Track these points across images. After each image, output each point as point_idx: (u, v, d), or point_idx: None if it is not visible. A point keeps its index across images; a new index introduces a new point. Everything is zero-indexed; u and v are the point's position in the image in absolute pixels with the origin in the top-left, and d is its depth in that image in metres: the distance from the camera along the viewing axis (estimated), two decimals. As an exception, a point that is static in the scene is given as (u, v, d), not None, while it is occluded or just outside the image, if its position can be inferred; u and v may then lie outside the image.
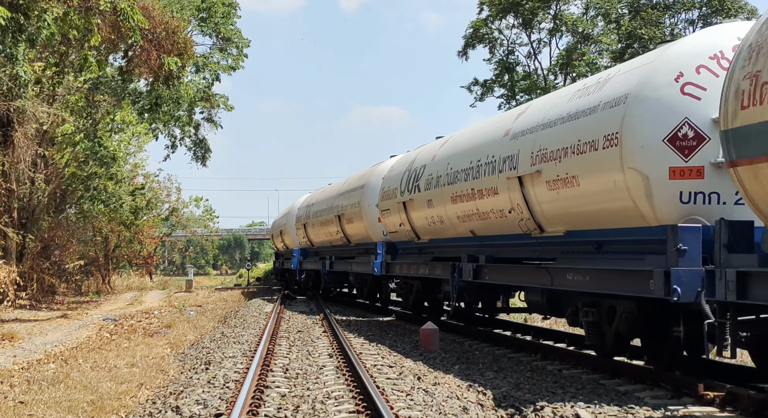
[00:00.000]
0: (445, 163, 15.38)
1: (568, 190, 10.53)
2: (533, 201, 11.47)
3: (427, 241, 17.30)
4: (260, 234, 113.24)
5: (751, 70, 6.96)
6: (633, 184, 9.18)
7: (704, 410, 8.20)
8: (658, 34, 39.56)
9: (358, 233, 23.26)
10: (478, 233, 14.21)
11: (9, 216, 26.78)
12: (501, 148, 12.64)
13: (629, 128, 9.21)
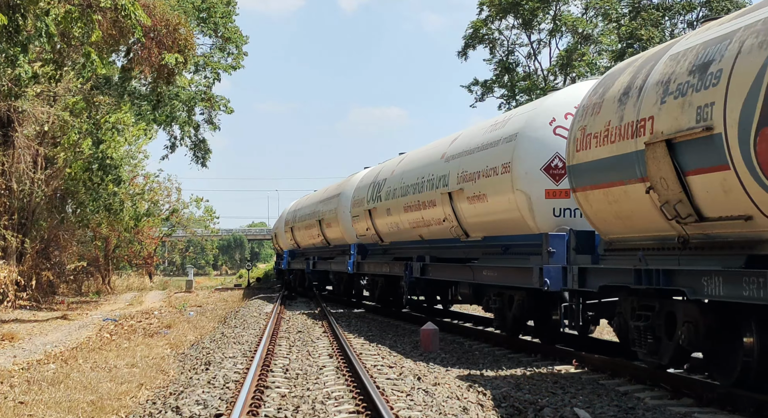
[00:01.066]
0: (401, 178, 18.54)
1: (481, 204, 13.63)
2: (460, 212, 14.53)
3: (388, 243, 20.44)
4: (260, 234, 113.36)
5: (582, 124, 10.07)
6: (521, 201, 12.30)
7: (704, 410, 8.21)
8: (658, 35, 39.56)
9: (336, 236, 25.96)
10: (425, 237, 17.22)
11: (9, 217, 26.78)
12: (438, 168, 15.85)
13: (517, 159, 12.37)
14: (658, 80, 8.67)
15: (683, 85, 8.15)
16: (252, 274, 56.37)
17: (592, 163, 9.76)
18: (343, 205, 24.69)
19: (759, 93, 6.98)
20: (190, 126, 37.45)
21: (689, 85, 8.05)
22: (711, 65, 7.79)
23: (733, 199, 7.45)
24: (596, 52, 49.08)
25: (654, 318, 9.20)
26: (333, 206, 25.98)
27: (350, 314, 21.76)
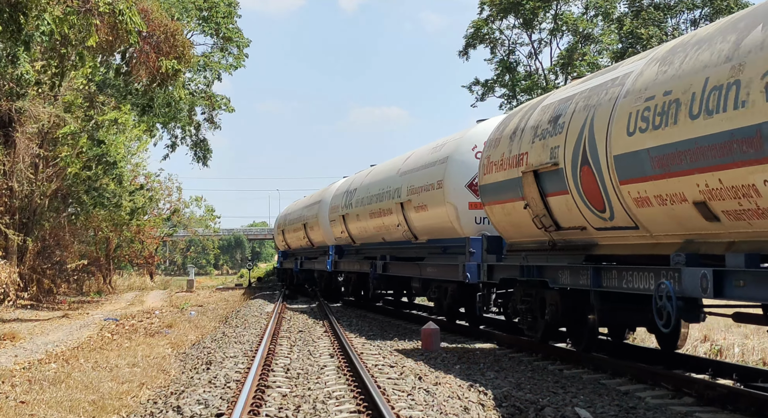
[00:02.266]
0: (367, 189, 21.54)
1: (424, 213, 16.86)
2: (410, 219, 17.78)
3: (359, 245, 23.45)
4: (261, 234, 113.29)
5: (488, 153, 13.15)
6: (450, 211, 15.48)
7: (705, 409, 8.21)
8: (659, 35, 39.54)
9: (318, 239, 29.12)
10: (386, 240, 20.30)
11: (10, 217, 26.78)
12: (394, 182, 19.06)
13: (448, 177, 15.57)
14: (532, 125, 11.65)
15: (545, 131, 11.08)
16: (253, 273, 56.40)
17: (493, 184, 12.83)
18: (323, 211, 27.54)
19: (582, 141, 9.82)
20: (191, 125, 37.48)
21: (547, 131, 10.97)
22: (560, 118, 10.68)
23: (574, 215, 10.42)
24: (597, 51, 49.07)
25: (532, 303, 12.28)
26: (315, 212, 28.99)
27: (351, 314, 21.81)
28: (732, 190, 7.40)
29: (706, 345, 13.22)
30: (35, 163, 27.59)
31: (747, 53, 7.22)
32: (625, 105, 9.04)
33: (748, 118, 6.99)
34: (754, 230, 7.50)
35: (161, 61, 19.42)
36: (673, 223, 8.57)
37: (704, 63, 7.83)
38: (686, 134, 7.81)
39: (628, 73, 9.54)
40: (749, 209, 7.33)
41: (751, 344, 12.80)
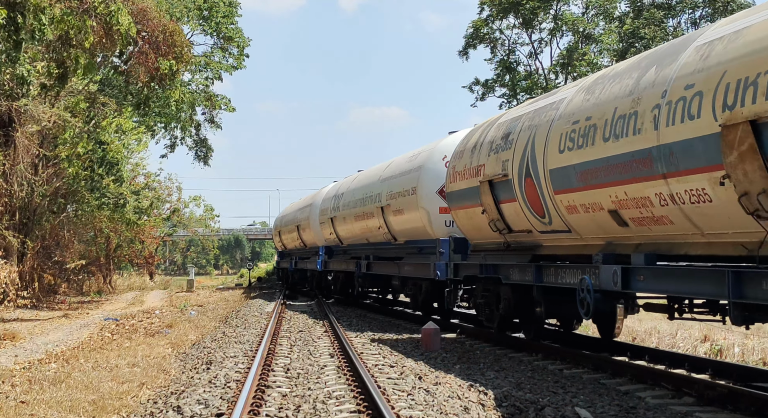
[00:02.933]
0: (353, 193, 23.33)
1: (401, 217, 18.58)
2: (389, 222, 19.48)
3: (347, 246, 25.11)
4: (261, 234, 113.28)
5: (453, 164, 14.68)
6: (423, 215, 17.27)
7: (705, 409, 8.21)
8: (660, 34, 39.53)
9: (310, 240, 31.04)
10: (370, 241, 22.02)
11: (10, 217, 26.77)
12: (375, 187, 20.82)
13: (421, 185, 17.35)
14: (489, 140, 13.20)
15: (498, 146, 12.65)
16: (253, 273, 56.40)
17: (457, 191, 14.32)
18: (314, 214, 29.41)
19: (526, 156, 11.41)
20: (191, 125, 37.50)
21: (500, 146, 12.56)
22: (510, 135, 12.32)
23: (521, 220, 12.04)
24: (597, 51, 49.04)
25: (489, 297, 13.82)
26: (306, 214, 30.92)
27: (351, 314, 21.82)
28: (634, 201, 8.98)
29: (706, 345, 13.23)
30: (35, 163, 27.57)
31: (643, 89, 8.83)
32: (557, 127, 10.62)
33: (642, 143, 8.57)
34: (653, 234, 9.08)
35: (159, 61, 19.45)
36: (596, 227, 10.13)
37: (615, 95, 9.44)
38: (600, 154, 9.42)
39: (562, 99, 11.10)
40: (647, 216, 8.92)
41: (751, 344, 12.81)
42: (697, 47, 8.34)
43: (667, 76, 8.51)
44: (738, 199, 7.33)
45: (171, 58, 19.52)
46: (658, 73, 8.72)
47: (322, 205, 28.15)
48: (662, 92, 8.43)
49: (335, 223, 25.22)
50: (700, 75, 7.91)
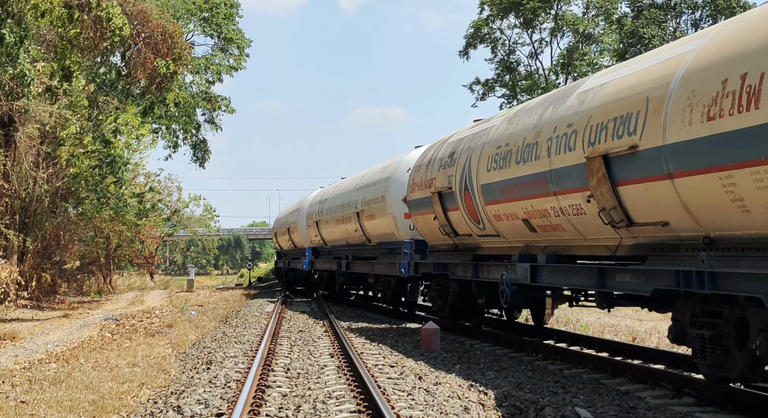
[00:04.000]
0: (335, 199, 26.02)
1: (373, 221, 20.93)
2: (364, 226, 21.83)
3: (330, 247, 27.62)
4: (261, 234, 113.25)
5: (413, 176, 16.93)
6: (390, 220, 19.56)
7: (705, 409, 8.21)
8: (661, 35, 39.50)
9: (299, 241, 33.71)
10: (349, 243, 24.38)
11: (11, 216, 26.76)
12: (353, 195, 23.31)
13: (388, 193, 19.62)
14: (439, 157, 15.46)
15: (445, 162, 14.82)
16: (253, 273, 56.41)
17: (416, 200, 16.67)
18: (302, 217, 31.96)
19: (464, 173, 13.62)
20: (192, 126, 37.48)
21: (447, 163, 14.73)
22: (454, 154, 14.48)
23: (463, 226, 14.23)
24: (597, 51, 49.01)
25: (441, 290, 16.26)
26: (295, 218, 33.61)
27: (351, 314, 21.83)
28: (538, 212, 11.21)
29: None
30: (36, 161, 27.56)
31: (542, 124, 11.02)
32: (487, 150, 12.90)
33: (540, 167, 10.82)
34: (554, 239, 11.30)
35: (158, 62, 19.43)
36: (515, 232, 12.34)
37: (525, 126, 11.70)
38: (514, 174, 11.69)
39: (492, 126, 13.40)
40: (548, 224, 11.10)
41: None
42: (578, 94, 10.48)
43: (557, 115, 10.70)
44: (598, 213, 9.49)
45: (170, 60, 19.50)
46: (552, 112, 10.93)
47: (308, 209, 30.73)
48: (553, 128, 10.60)
49: (320, 226, 27.83)
50: (576, 117, 10.09)
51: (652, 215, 8.73)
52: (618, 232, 9.43)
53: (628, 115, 8.83)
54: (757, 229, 7.30)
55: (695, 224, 8.09)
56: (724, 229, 7.75)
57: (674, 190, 8.08)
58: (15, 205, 27.27)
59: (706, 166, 7.50)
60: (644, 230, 9.03)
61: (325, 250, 28.61)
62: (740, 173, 7.10)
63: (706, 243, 7.98)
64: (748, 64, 7.07)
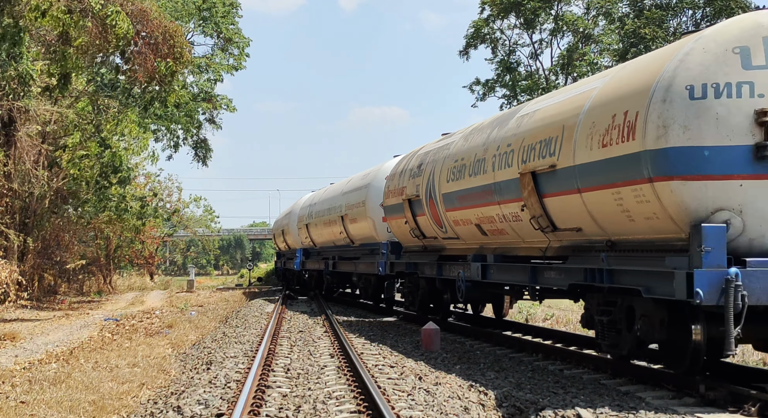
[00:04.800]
0: (322, 203, 28.05)
1: (356, 224, 22.89)
2: (348, 229, 23.84)
3: (319, 248, 29.76)
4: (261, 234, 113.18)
5: (388, 184, 19.04)
6: (370, 224, 21.34)
7: (705, 409, 8.20)
8: (662, 35, 39.49)
9: (292, 243, 36.07)
10: (336, 244, 26.38)
11: (11, 217, 26.76)
12: (338, 200, 25.32)
13: (368, 199, 21.42)
14: (409, 168, 17.45)
15: (414, 173, 16.85)
16: (253, 273, 56.40)
17: (390, 205, 18.61)
18: (293, 220, 34.29)
19: (429, 182, 15.49)
20: (193, 126, 37.46)
21: (415, 173, 16.70)
22: (422, 165, 16.40)
23: (429, 229, 16.12)
24: (598, 51, 48.98)
25: (412, 287, 18.15)
26: (287, 221, 36.18)
27: (351, 314, 21.83)
28: (486, 218, 13.02)
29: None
30: (36, 161, 27.56)
31: (490, 142, 12.84)
32: (447, 163, 14.78)
33: (487, 180, 12.65)
34: (500, 241, 13.18)
35: (158, 62, 19.40)
36: (471, 236, 14.10)
37: (476, 144, 13.54)
38: (468, 185, 13.48)
39: (453, 142, 15.24)
40: (495, 229, 12.97)
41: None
42: (517, 118, 12.29)
43: (500, 135, 12.53)
44: (530, 220, 11.26)
45: (170, 59, 19.45)
46: (497, 132, 12.75)
47: (299, 212, 32.87)
48: (497, 146, 12.43)
49: (309, 228, 29.92)
50: (514, 138, 11.88)
51: (569, 222, 10.48)
52: (546, 236, 11.30)
53: (550, 139, 10.58)
54: (640, 234, 9.14)
55: (600, 230, 9.87)
56: (620, 234, 9.53)
57: (583, 203, 9.87)
58: (15, 205, 27.27)
59: (603, 184, 9.30)
60: (565, 235, 10.82)
61: (314, 251, 30.69)
62: (625, 190, 8.86)
63: (608, 245, 9.74)
64: (628, 104, 8.84)
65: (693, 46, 8.45)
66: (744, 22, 8.52)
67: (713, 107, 8.16)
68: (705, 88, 8.22)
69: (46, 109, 25.50)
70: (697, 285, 7.76)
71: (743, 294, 7.76)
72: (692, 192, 8.14)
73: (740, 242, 8.17)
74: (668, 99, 8.27)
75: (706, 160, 8.12)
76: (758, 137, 8.07)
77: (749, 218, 8.13)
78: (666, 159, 8.22)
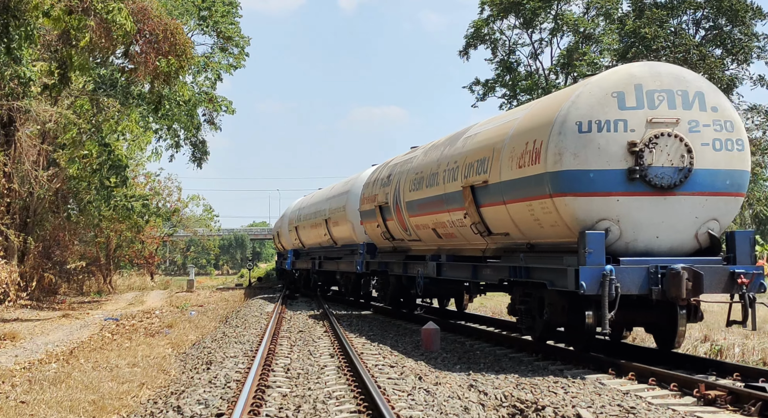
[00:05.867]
0: (310, 207, 30.57)
1: (338, 227, 25.38)
2: (331, 231, 26.31)
3: (308, 249, 32.21)
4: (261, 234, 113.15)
5: (364, 192, 21.42)
6: (349, 227, 23.56)
7: (705, 409, 8.21)
8: (663, 34, 39.47)
9: (285, 244, 38.21)
10: (321, 245, 28.78)
11: (11, 217, 26.76)
12: (323, 204, 27.82)
13: (348, 204, 23.57)
14: (381, 177, 19.68)
15: (384, 182, 19.02)
16: (253, 273, 56.38)
17: (365, 211, 20.83)
18: (285, 223, 36.90)
19: (396, 191, 17.72)
20: (194, 126, 37.43)
21: (385, 183, 18.85)
22: (391, 176, 18.58)
23: (397, 232, 18.26)
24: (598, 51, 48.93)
25: (384, 284, 20.58)
26: (281, 223, 39.17)
27: (351, 314, 21.84)
28: (440, 223, 15.21)
29: (706, 345, 13.21)
30: (36, 161, 27.56)
31: (442, 159, 15.13)
32: (409, 175, 17.18)
33: (439, 191, 14.89)
34: (452, 243, 15.35)
35: (160, 60, 19.38)
36: (430, 238, 16.34)
37: (432, 159, 15.81)
38: (425, 195, 15.82)
39: (415, 156, 17.62)
40: (447, 233, 15.12)
41: (751, 344, 12.80)
42: (463, 139, 14.53)
43: (450, 153, 14.79)
44: (470, 226, 13.53)
45: (173, 57, 19.43)
46: (448, 150, 15.04)
47: (290, 216, 35.36)
48: (447, 163, 14.67)
49: (299, 231, 32.50)
50: (459, 156, 14.12)
51: (499, 228, 12.67)
52: (484, 239, 13.41)
53: (484, 158, 12.83)
54: (549, 238, 11.35)
55: (522, 235, 12.07)
56: (536, 238, 11.76)
57: (508, 212, 12.08)
58: (15, 205, 27.27)
59: (520, 198, 11.53)
60: (497, 238, 13.01)
61: (304, 251, 33.25)
62: (535, 203, 11.10)
63: (528, 247, 12.01)
64: (536, 134, 11.11)
65: (582, 91, 10.68)
66: (620, 73, 10.81)
67: (596, 139, 10.38)
68: (590, 124, 10.43)
69: (46, 110, 25.49)
70: (582, 279, 9.90)
71: (617, 286, 9.87)
72: (581, 205, 10.38)
73: (618, 245, 10.42)
74: (563, 132, 10.48)
75: (591, 180, 10.33)
76: (630, 163, 10.32)
77: (625, 226, 10.38)
78: (561, 179, 10.46)
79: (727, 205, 10.70)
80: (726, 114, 10.76)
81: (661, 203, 10.37)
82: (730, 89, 39.92)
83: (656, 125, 10.42)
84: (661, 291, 10.04)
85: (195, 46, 29.78)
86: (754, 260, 10.66)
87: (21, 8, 16.67)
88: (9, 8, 16.59)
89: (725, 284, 10.19)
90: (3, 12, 16.67)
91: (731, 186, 10.68)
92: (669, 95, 10.55)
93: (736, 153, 10.70)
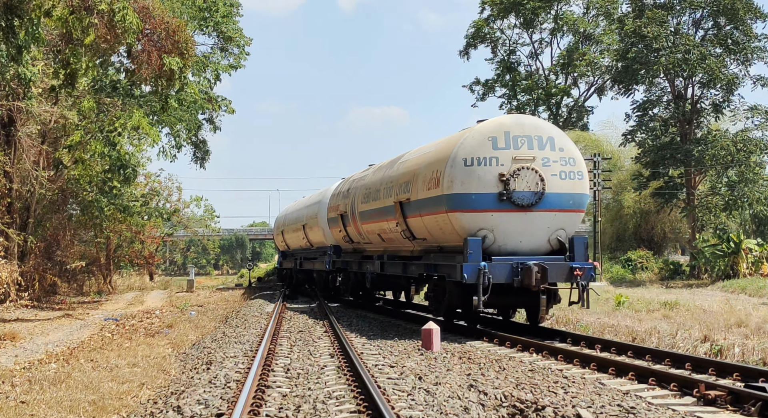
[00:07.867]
0: (292, 214, 34.99)
1: (313, 231, 29.27)
2: (308, 235, 30.15)
3: (292, 250, 36.35)
4: (261, 234, 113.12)
5: (329, 202, 26.48)
6: (322, 232, 27.81)
7: (705, 409, 8.21)
8: (664, 34, 39.44)
9: (279, 245, 41.22)
10: (302, 247, 32.68)
11: (11, 217, 26.75)
12: (302, 212, 31.77)
13: (320, 212, 27.80)
14: (343, 191, 23.83)
15: (344, 195, 23.22)
16: (253, 273, 56.36)
17: (330, 218, 24.94)
18: (275, 227, 40.94)
19: (353, 203, 21.94)
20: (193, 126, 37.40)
21: (345, 195, 23.14)
22: (350, 190, 22.82)
23: (355, 236, 22.47)
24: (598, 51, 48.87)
25: (345, 279, 24.88)
26: (275, 227, 42.16)
27: (351, 314, 21.83)
28: (383, 229, 18.88)
29: (706, 345, 13.21)
30: (37, 161, 27.54)
31: (385, 179, 18.81)
32: (362, 190, 20.81)
33: (381, 204, 18.75)
34: (393, 245, 19.11)
35: (164, 58, 19.35)
36: (378, 241, 20.02)
37: (377, 178, 19.66)
38: (372, 207, 19.57)
39: (368, 174, 21.00)
40: (388, 237, 18.84)
41: (751, 344, 12.80)
42: (398, 163, 18.33)
43: (388, 175, 18.63)
44: (400, 232, 17.47)
45: (176, 55, 19.40)
46: (387, 172, 18.89)
47: (278, 221, 39.80)
48: (386, 182, 18.53)
49: (284, 234, 36.52)
50: (393, 178, 18.10)
51: (420, 234, 16.58)
52: (411, 243, 17.41)
53: (408, 181, 16.82)
54: (452, 243, 15.11)
55: (434, 240, 16.01)
56: (443, 242, 15.66)
57: (423, 223, 15.99)
58: (16, 205, 27.26)
59: (430, 212, 15.48)
60: (419, 242, 16.97)
61: (289, 252, 37.44)
62: (438, 216, 15.04)
63: (439, 249, 16.04)
64: (437, 166, 15.19)
65: (468, 135, 14.68)
66: (494, 122, 14.75)
67: (477, 171, 14.32)
68: (473, 160, 14.37)
69: (46, 110, 25.47)
70: (464, 272, 13.71)
71: (489, 277, 13.62)
72: (466, 219, 14.32)
73: (492, 248, 14.29)
74: (454, 165, 14.49)
75: (473, 200, 14.24)
76: (500, 188, 14.21)
77: (497, 234, 14.27)
78: (453, 200, 14.45)
79: (570, 218, 14.59)
80: (570, 153, 14.63)
81: (523, 217, 14.21)
82: (731, 90, 39.86)
83: (519, 161, 14.28)
84: (520, 280, 13.70)
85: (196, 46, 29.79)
86: (587, 258, 14.33)
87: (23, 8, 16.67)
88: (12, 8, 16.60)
89: (566, 276, 13.92)
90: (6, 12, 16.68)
91: (573, 205, 14.57)
92: (528, 139, 14.40)
93: (577, 181, 14.61)
